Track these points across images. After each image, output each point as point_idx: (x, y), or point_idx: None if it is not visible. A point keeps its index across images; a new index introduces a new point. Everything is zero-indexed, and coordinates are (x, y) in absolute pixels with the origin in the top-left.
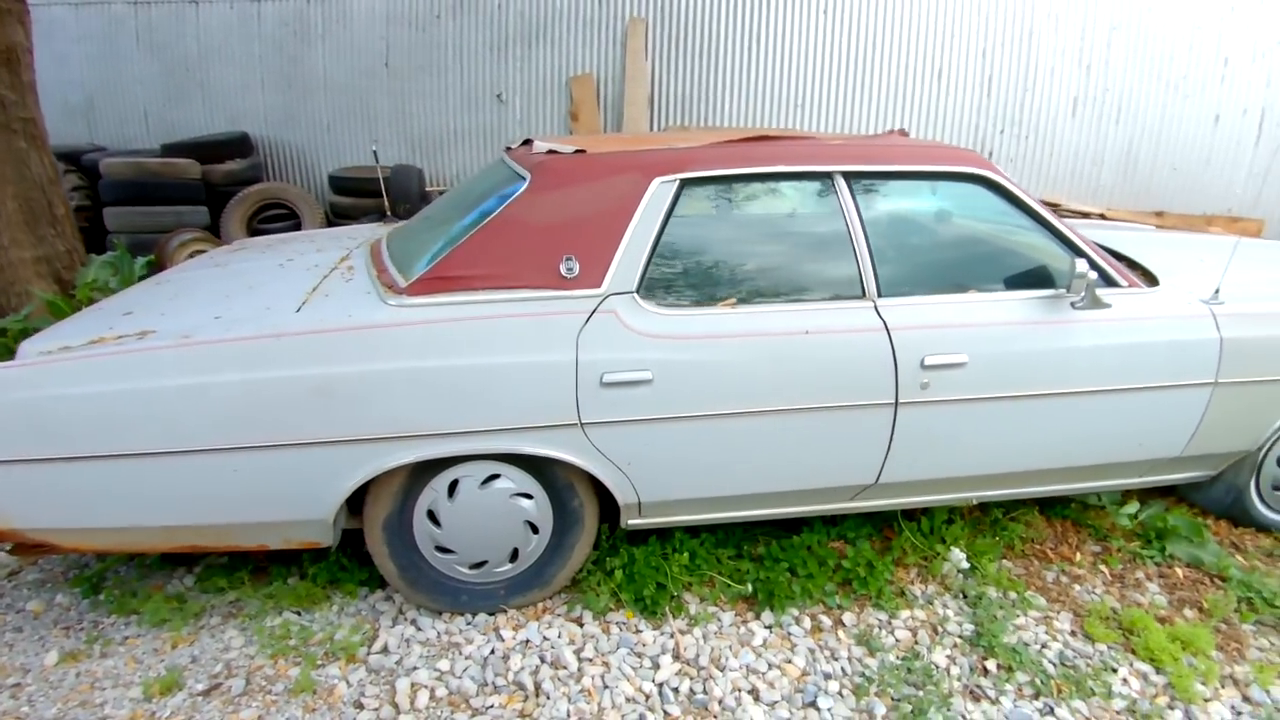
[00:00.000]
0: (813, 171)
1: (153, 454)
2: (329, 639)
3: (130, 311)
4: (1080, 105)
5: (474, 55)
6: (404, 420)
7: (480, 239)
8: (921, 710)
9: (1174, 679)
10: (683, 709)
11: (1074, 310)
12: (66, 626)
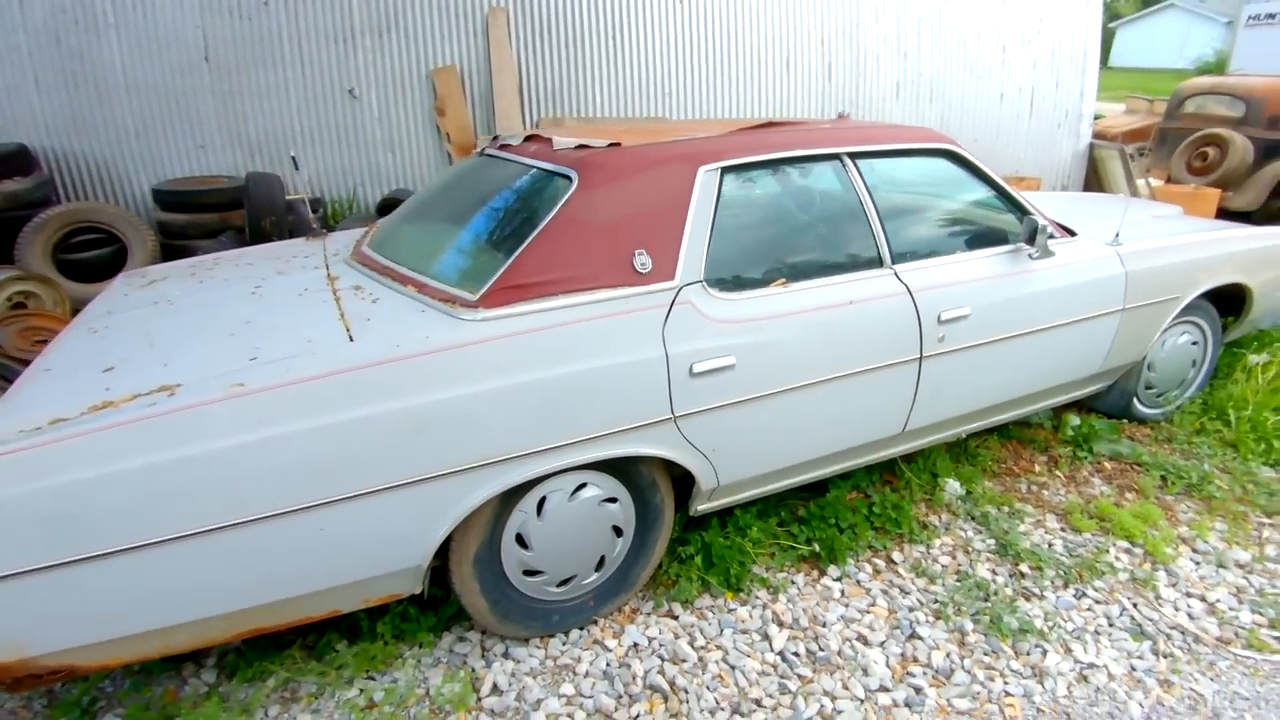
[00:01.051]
0: (825, 154)
1: (215, 530)
2: (426, 695)
3: (111, 367)
4: (901, 88)
5: (316, 47)
6: (505, 441)
7: (544, 242)
8: (997, 618)
9: (1148, 548)
10: (812, 669)
11: (1031, 260)
12: None
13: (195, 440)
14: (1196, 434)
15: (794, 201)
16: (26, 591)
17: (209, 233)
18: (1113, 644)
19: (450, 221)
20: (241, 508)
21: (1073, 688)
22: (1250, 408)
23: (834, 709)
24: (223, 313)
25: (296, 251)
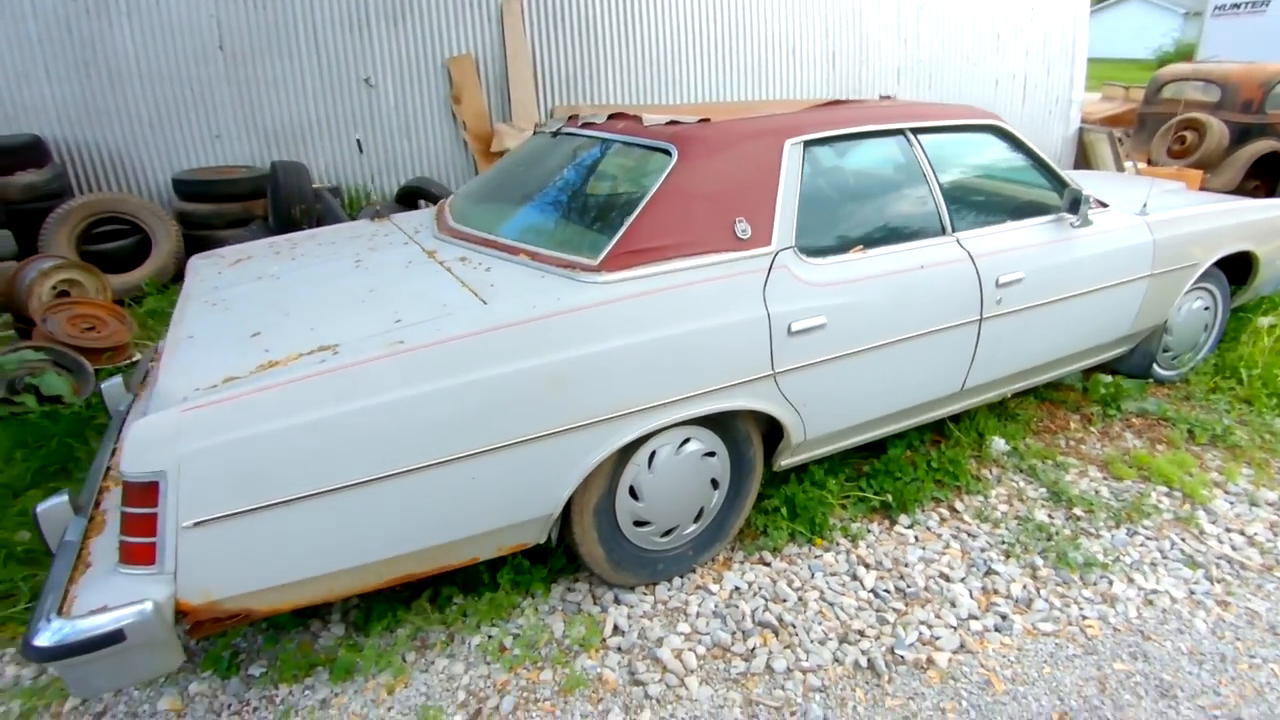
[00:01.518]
0: (891, 129)
1: (384, 478)
2: (552, 639)
3: (258, 332)
4: (902, 74)
5: (331, 35)
6: (631, 396)
7: (653, 211)
8: (1063, 554)
9: (1186, 490)
10: (904, 603)
11: (1073, 229)
12: (236, 713)
13: (366, 394)
14: (1212, 392)
15: (866, 173)
16: (216, 537)
17: (233, 222)
18: (1169, 573)
19: (543, 195)
20: (407, 456)
21: (1141, 610)
22: (1259, 367)
23: (932, 635)
24: (339, 284)
25: (372, 231)
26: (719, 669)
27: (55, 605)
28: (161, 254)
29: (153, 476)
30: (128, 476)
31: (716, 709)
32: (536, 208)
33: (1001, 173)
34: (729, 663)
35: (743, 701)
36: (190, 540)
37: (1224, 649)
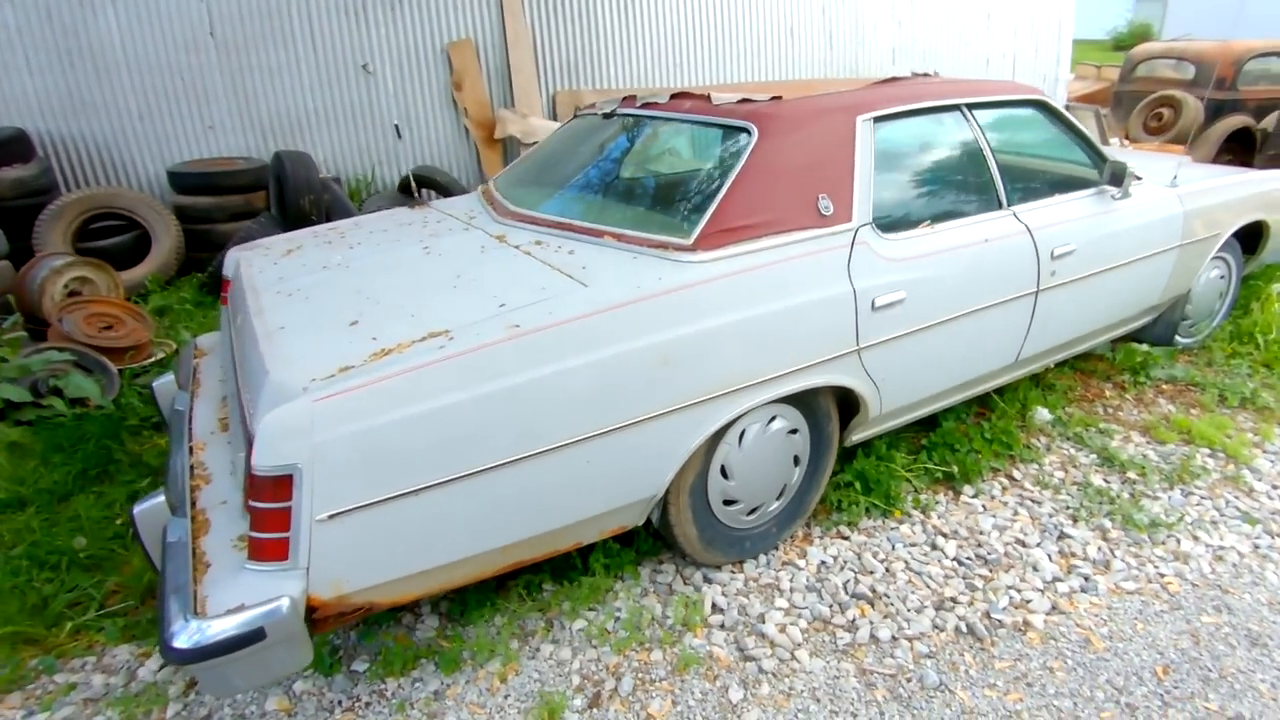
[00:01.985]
0: (949, 105)
1: (506, 464)
2: (654, 620)
3: (356, 321)
4: (897, 54)
5: (327, 21)
6: (734, 373)
7: (740, 189)
8: (1128, 516)
9: (1229, 451)
10: (988, 569)
11: (1114, 201)
12: (348, 709)
13: (490, 379)
14: (1231, 358)
15: (929, 149)
16: (348, 530)
17: (235, 215)
18: (1230, 530)
19: (612, 176)
20: (530, 441)
21: (1214, 565)
22: (1275, 331)
23: (1022, 599)
24: (419, 271)
25: (421, 217)
26: (825, 641)
27: (188, 606)
28: (163, 250)
29: (287, 470)
30: (260, 471)
31: (832, 680)
32: (608, 189)
33: (1046, 146)
34: (834, 635)
35: (856, 671)
36: (323, 533)
37: None
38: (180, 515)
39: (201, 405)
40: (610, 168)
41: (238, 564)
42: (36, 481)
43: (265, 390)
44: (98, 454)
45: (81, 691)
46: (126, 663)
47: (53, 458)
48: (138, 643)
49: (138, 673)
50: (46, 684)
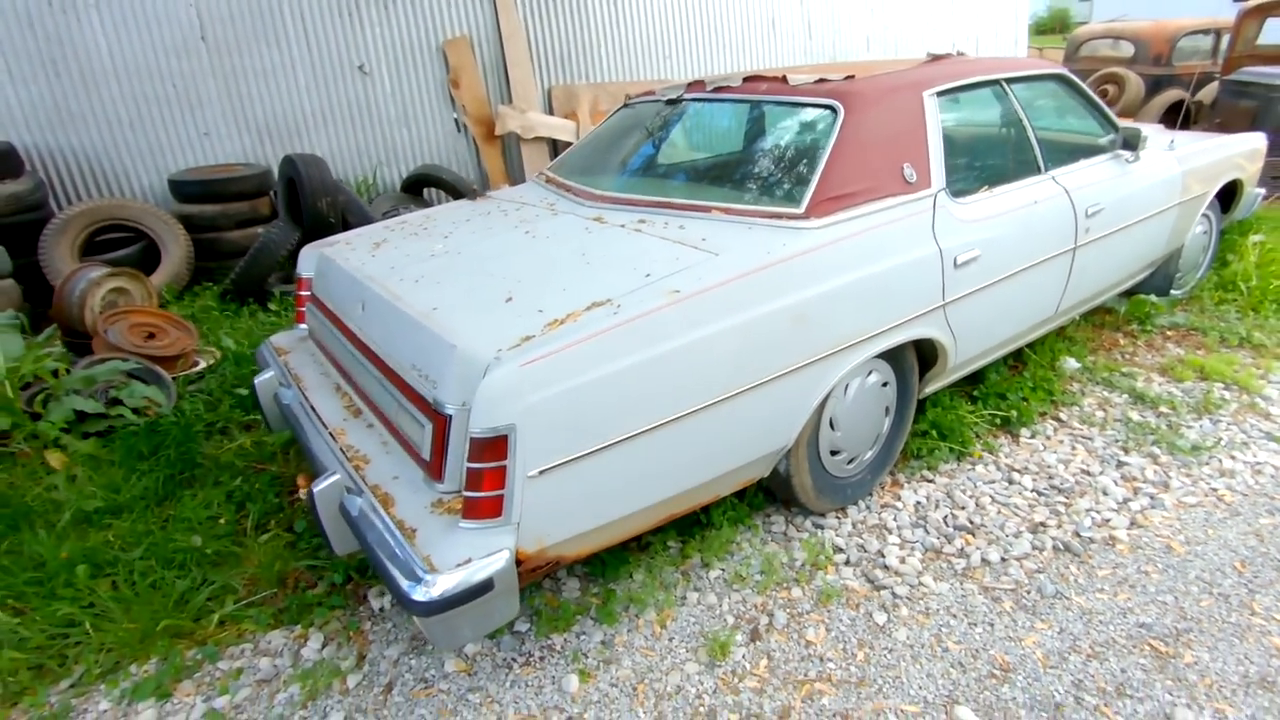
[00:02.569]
0: (991, 80)
1: (675, 419)
2: (780, 564)
3: (510, 297)
4: (871, 41)
5: (321, 21)
6: (852, 330)
7: (836, 161)
8: (1171, 444)
9: (1240, 383)
10: (1065, 497)
11: (1128, 164)
12: (525, 664)
13: (662, 340)
14: (1219, 304)
15: (979, 120)
16: (551, 485)
17: (242, 222)
18: (1261, 448)
19: (697, 156)
20: (694, 397)
21: (1255, 478)
22: (1254, 279)
23: (1103, 518)
24: (541, 252)
25: (495, 207)
26: (944, 567)
27: (416, 565)
28: (174, 260)
29: (503, 430)
30: (478, 433)
31: (961, 598)
32: (696, 169)
33: (1069, 116)
34: (949, 562)
35: (979, 590)
36: (532, 490)
37: None
38: (354, 493)
39: (317, 397)
40: (697, 148)
41: (445, 525)
42: (129, 488)
43: (453, 363)
44: (183, 459)
45: (251, 675)
46: (285, 645)
47: (137, 465)
48: (287, 627)
49: (301, 653)
50: (212, 672)
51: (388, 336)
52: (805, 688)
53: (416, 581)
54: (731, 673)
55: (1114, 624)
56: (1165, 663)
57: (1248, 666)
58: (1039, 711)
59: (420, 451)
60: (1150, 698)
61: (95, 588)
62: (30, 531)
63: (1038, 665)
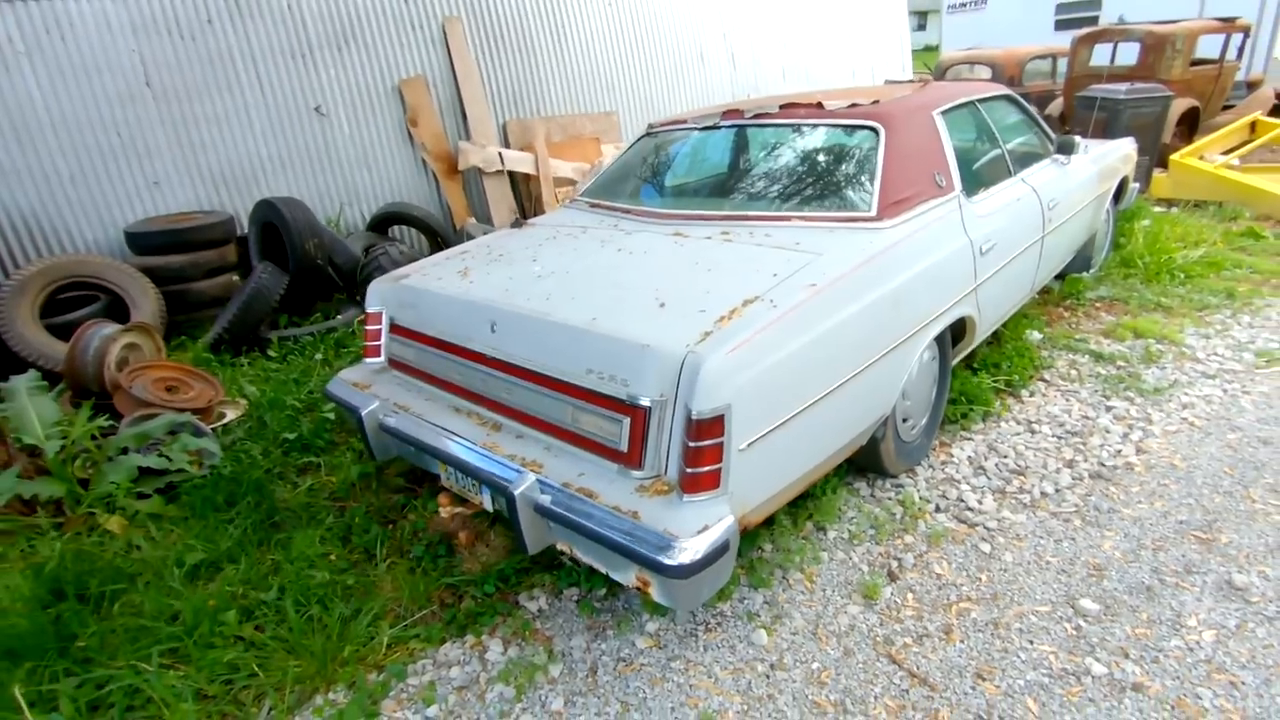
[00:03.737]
0: (970, 100)
1: (827, 394)
2: (886, 519)
3: (663, 303)
4: (786, 73)
5: (273, 65)
6: (928, 311)
7: (888, 173)
8: (1139, 388)
9: (1168, 337)
10: (1079, 437)
11: (1063, 166)
12: (709, 629)
13: (811, 327)
14: (1125, 278)
15: (967, 133)
16: (754, 456)
17: (211, 272)
18: (1203, 385)
19: (754, 174)
20: (843, 372)
21: (1208, 406)
22: (1148, 255)
23: (1115, 450)
24: (648, 265)
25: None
26: (1014, 503)
27: (663, 538)
28: (144, 315)
29: (721, 410)
30: (701, 415)
31: (1039, 524)
32: (759, 185)
33: (1018, 128)
34: (1016, 498)
35: (1049, 516)
36: (740, 461)
37: (1272, 412)
38: (550, 493)
39: (442, 418)
40: (751, 167)
41: (664, 504)
42: (223, 538)
43: (648, 361)
44: (268, 502)
45: (446, 684)
46: (464, 654)
47: (215, 516)
48: (457, 639)
49: (486, 658)
50: (405, 688)
51: (543, 350)
52: (953, 609)
53: (670, 550)
54: (888, 608)
55: (1161, 525)
56: (1209, 546)
57: (1267, 539)
58: (1137, 594)
59: (615, 445)
60: (1211, 570)
61: (242, 633)
62: (141, 590)
63: (1121, 562)
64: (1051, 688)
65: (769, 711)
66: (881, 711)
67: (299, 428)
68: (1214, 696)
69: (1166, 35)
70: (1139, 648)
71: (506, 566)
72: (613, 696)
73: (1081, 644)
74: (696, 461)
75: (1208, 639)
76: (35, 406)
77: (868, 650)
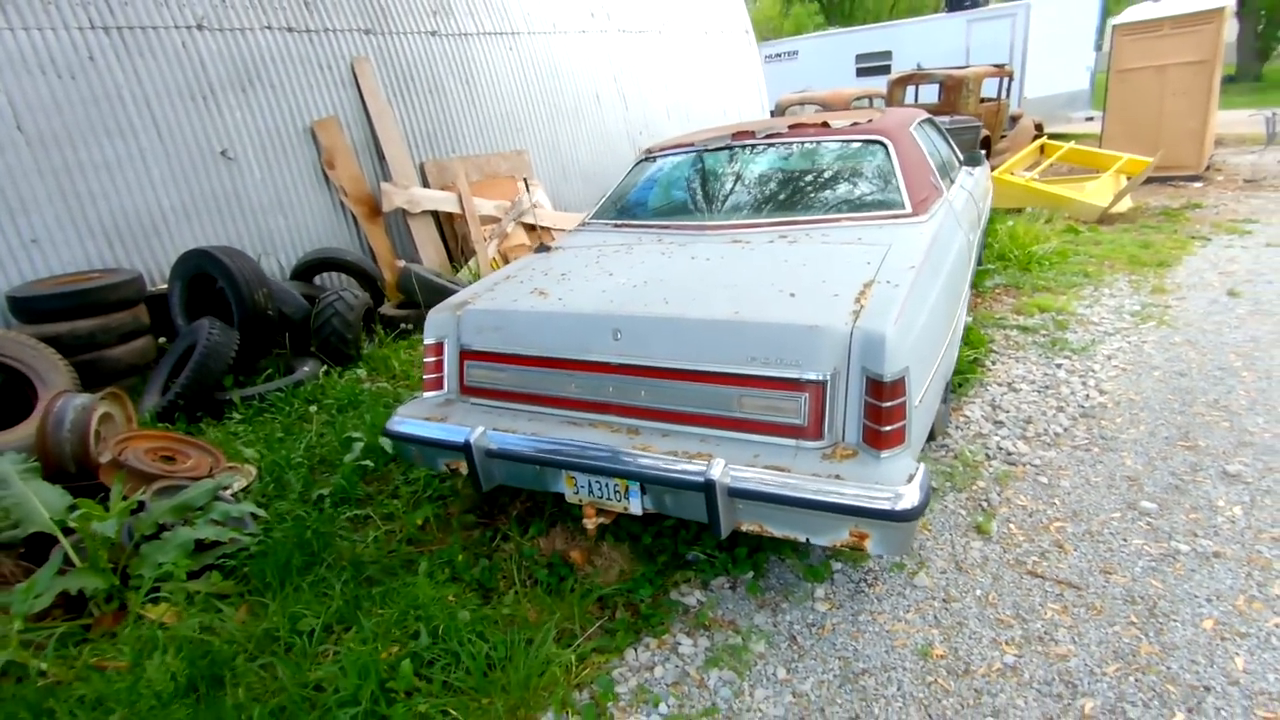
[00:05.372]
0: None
1: (945, 349)
2: (954, 473)
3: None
4: (669, 111)
5: (170, 107)
6: (962, 287)
7: (907, 178)
8: (1069, 349)
9: (1064, 309)
10: (1054, 387)
11: (971, 174)
12: (869, 585)
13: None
14: (1004, 269)
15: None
16: (920, 410)
17: (125, 336)
18: (1109, 340)
19: (788, 184)
20: (944, 338)
21: (1125, 354)
22: (1017, 250)
23: (1083, 392)
24: (739, 268)
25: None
26: (1040, 443)
27: (881, 491)
28: (56, 387)
29: (902, 373)
30: (892, 377)
31: (1069, 456)
32: (794, 194)
33: (942, 143)
34: (1039, 440)
35: (1073, 449)
36: (915, 416)
37: (1174, 353)
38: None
39: (566, 432)
40: (785, 179)
41: (860, 464)
42: (316, 604)
43: (819, 340)
44: (340, 562)
45: (658, 684)
46: (654, 656)
47: (297, 580)
48: (639, 644)
49: (679, 651)
50: (622, 695)
51: (689, 347)
52: (1051, 528)
53: (895, 499)
54: (1002, 538)
55: (1154, 441)
56: (1195, 450)
57: (1229, 438)
58: (1171, 491)
59: (792, 422)
60: (1208, 467)
61: (416, 685)
62: (280, 659)
63: (1145, 472)
64: (1161, 569)
65: (967, 634)
66: (1052, 614)
67: (329, 483)
68: (1274, 546)
69: (962, 78)
70: (1200, 528)
71: (648, 570)
72: (826, 655)
73: (1160, 533)
74: (889, 420)
75: (1239, 513)
76: (36, 492)
77: (1010, 573)
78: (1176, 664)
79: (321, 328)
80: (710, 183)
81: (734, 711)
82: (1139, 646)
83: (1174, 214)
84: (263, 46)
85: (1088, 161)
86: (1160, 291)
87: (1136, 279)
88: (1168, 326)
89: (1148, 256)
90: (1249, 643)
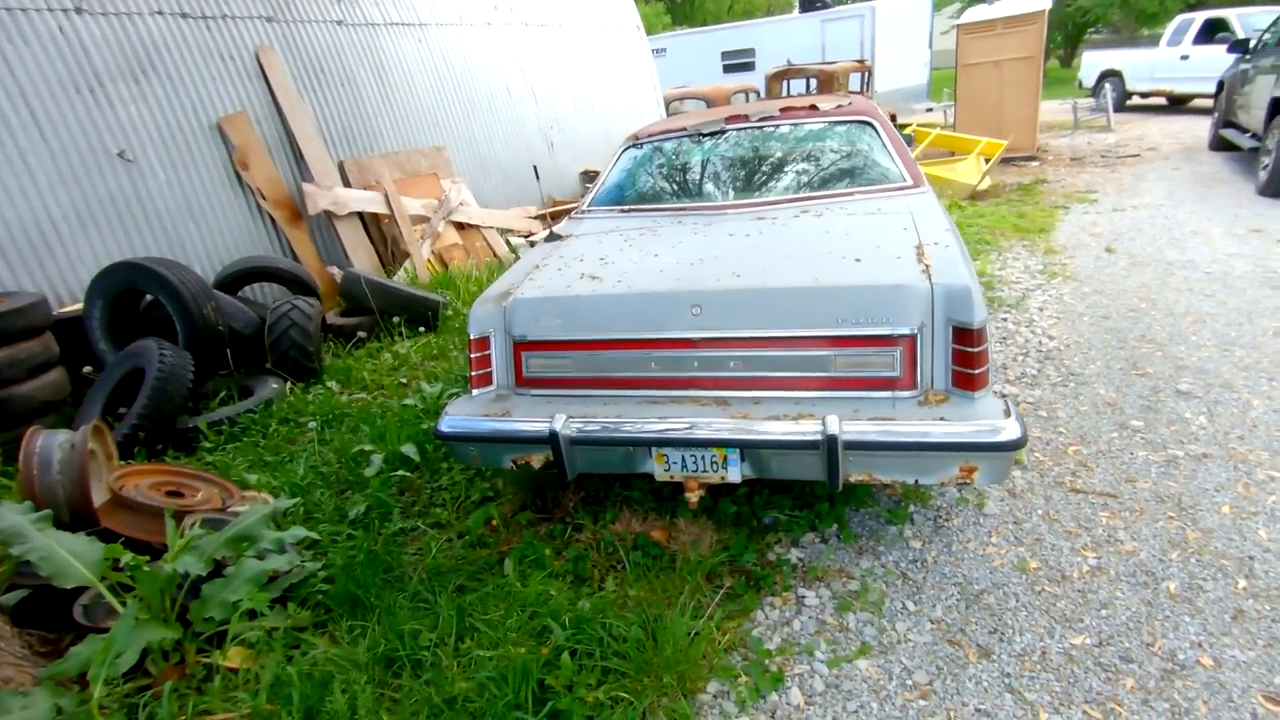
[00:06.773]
0: None
1: None
2: None
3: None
4: (577, 106)
5: (53, 102)
6: None
7: (899, 154)
8: (1007, 305)
9: (982, 271)
10: (1009, 338)
11: None
12: (943, 519)
13: (961, 250)
14: None
15: None
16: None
17: (36, 369)
18: (1032, 293)
19: (791, 162)
20: None
21: (1049, 303)
22: None
23: (1039, 341)
24: (782, 240)
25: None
26: (1024, 385)
27: (984, 426)
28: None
29: (985, 321)
30: (981, 325)
31: (1052, 392)
32: (800, 172)
33: None
34: (1021, 383)
35: (1052, 387)
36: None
37: (1091, 300)
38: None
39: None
40: (786, 157)
41: (957, 405)
42: (422, 618)
43: (906, 297)
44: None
45: (802, 635)
46: (784, 613)
47: (385, 597)
48: (760, 608)
49: (805, 603)
50: (771, 657)
51: (776, 315)
52: (1069, 451)
53: (999, 432)
54: (1033, 466)
55: (1112, 373)
56: (1147, 377)
57: (1167, 363)
58: (1148, 411)
59: (886, 375)
60: (1163, 389)
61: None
62: (408, 679)
63: (1124, 398)
64: (1171, 470)
65: (1048, 546)
66: (1106, 519)
67: (361, 499)
68: (1242, 443)
69: (833, 72)
70: (1183, 436)
71: (738, 537)
72: (941, 584)
73: (1156, 444)
74: (979, 364)
75: (1205, 421)
76: (60, 542)
77: (1056, 492)
78: (1219, 543)
79: (278, 341)
80: (714, 164)
81: (885, 645)
82: (1186, 534)
83: (1029, 189)
84: (154, 33)
85: (951, 145)
86: (1052, 252)
87: (1029, 243)
88: (1074, 280)
89: (1027, 224)
90: (1262, 518)
